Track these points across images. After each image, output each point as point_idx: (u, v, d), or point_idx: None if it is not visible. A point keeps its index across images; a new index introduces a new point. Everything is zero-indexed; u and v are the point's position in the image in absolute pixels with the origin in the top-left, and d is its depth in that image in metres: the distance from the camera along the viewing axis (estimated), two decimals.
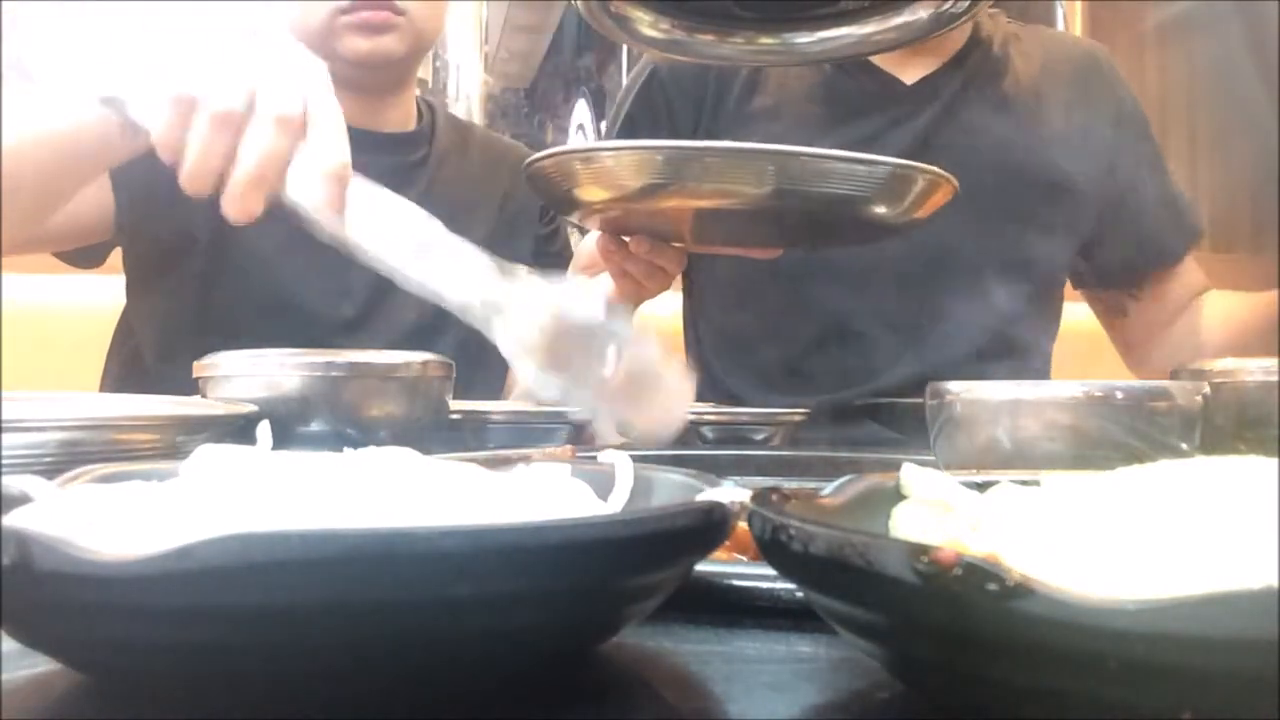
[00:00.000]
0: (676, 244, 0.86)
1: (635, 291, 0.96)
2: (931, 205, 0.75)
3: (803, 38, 0.77)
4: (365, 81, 1.08)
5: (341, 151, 0.58)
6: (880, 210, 0.72)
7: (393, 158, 1.11)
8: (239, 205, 0.60)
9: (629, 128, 1.16)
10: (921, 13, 0.73)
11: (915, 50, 1.08)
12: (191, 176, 0.60)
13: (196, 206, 1.03)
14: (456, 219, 0.56)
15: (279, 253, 1.06)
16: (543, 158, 0.75)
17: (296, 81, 0.59)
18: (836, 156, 0.70)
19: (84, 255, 1.08)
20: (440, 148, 1.15)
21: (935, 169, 0.72)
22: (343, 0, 1.01)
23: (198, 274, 1.05)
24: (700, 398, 1.12)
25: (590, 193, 0.75)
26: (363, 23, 1.02)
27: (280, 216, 1.10)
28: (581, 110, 4.43)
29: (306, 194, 0.58)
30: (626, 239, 0.85)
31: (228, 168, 0.59)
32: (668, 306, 1.33)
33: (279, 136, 0.58)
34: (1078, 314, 1.25)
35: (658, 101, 1.14)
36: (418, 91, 1.20)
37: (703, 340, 1.22)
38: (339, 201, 0.57)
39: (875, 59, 1.11)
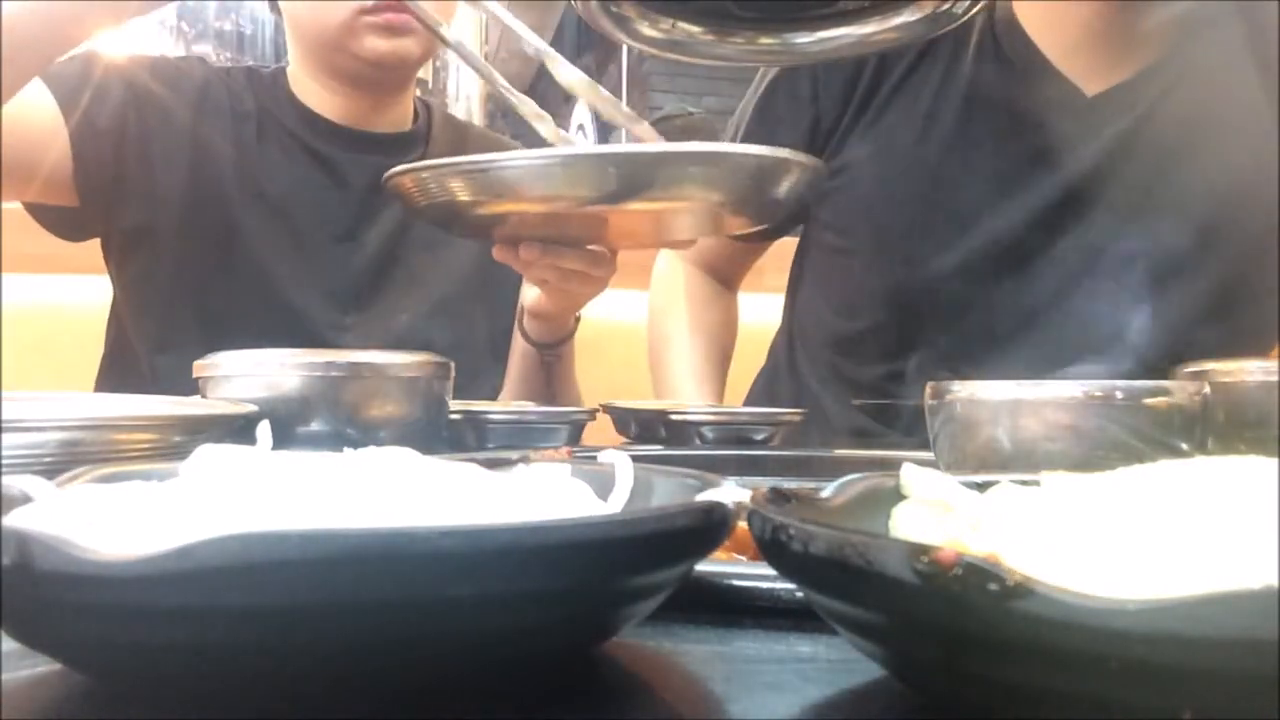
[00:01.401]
0: (590, 246, 0.85)
1: (562, 297, 0.96)
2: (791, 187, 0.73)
3: (802, 38, 0.77)
4: (375, 81, 1.08)
5: None
6: (718, 198, 0.72)
7: (388, 158, 1.11)
8: None
9: (768, 108, 1.09)
10: (922, 13, 0.73)
11: (1107, 55, 0.96)
12: None
13: (161, 195, 1.04)
14: None
15: (272, 253, 1.06)
16: (397, 174, 0.75)
17: None
18: (656, 153, 0.69)
19: (57, 222, 1.08)
20: (436, 148, 1.16)
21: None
22: (367, 0, 1.02)
23: (174, 268, 1.05)
24: (780, 403, 1.10)
25: (452, 208, 0.76)
26: (386, 24, 1.03)
27: (273, 214, 1.10)
28: (581, 110, 4.43)
29: None
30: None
31: None
32: (762, 312, 1.32)
33: None
34: None
35: (803, 87, 1.06)
36: (417, 92, 1.21)
37: (796, 346, 1.17)
38: None
39: (1056, 61, 0.97)
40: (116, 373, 1.14)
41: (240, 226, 1.05)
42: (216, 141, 1.06)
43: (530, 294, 1.03)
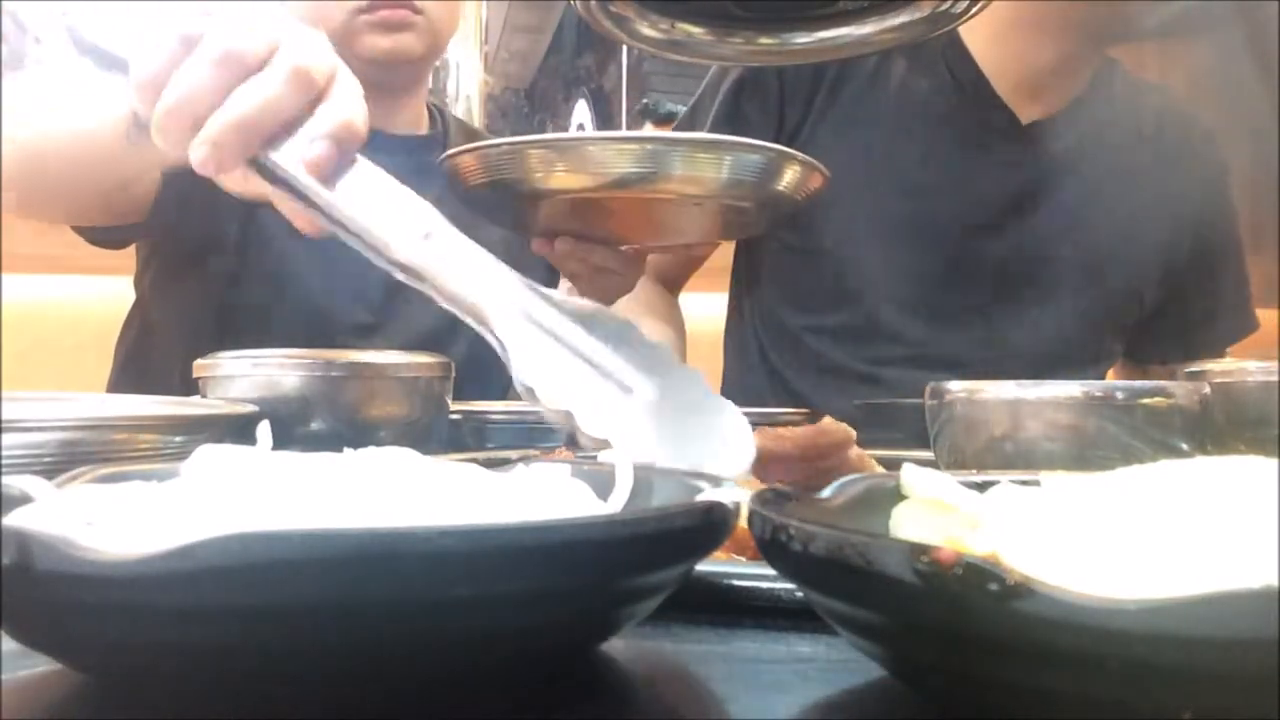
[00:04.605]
0: (619, 244, 0.86)
1: (592, 292, 0.97)
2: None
3: (802, 37, 0.77)
4: (381, 81, 1.08)
5: (353, 116, 0.52)
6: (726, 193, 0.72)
7: (409, 159, 1.11)
8: (210, 152, 0.50)
9: (732, 114, 1.13)
10: (921, 13, 0.73)
11: (1040, 88, 1.09)
12: (170, 112, 0.50)
13: (231, 206, 1.03)
14: (471, 223, 0.57)
15: (297, 256, 1.06)
16: (460, 152, 0.77)
17: (324, 47, 0.53)
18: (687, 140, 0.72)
19: (110, 235, 1.06)
20: None
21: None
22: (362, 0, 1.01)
23: (223, 276, 1.05)
24: (761, 399, 1.12)
25: (497, 190, 0.78)
26: (382, 20, 1.02)
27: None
28: (581, 110, 4.43)
29: (293, 154, 0.50)
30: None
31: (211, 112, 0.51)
32: (712, 309, 1.34)
33: (290, 91, 0.51)
34: None
35: (771, 91, 1.12)
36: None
37: (764, 340, 1.20)
38: (327, 165, 0.51)
39: (998, 87, 1.10)
40: (131, 382, 1.13)
41: (272, 232, 1.05)
42: None
43: (565, 288, 1.04)
